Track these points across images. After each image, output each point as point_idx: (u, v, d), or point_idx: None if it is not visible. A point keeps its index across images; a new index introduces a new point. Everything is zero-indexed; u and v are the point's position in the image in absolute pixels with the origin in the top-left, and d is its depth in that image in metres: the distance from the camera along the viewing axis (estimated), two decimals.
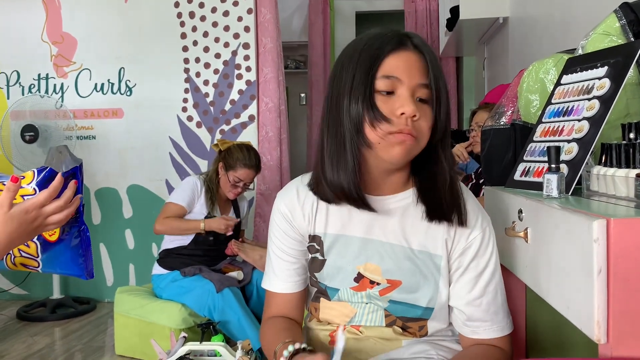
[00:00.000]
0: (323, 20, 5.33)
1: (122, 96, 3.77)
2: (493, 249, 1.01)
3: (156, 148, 3.74)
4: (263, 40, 3.63)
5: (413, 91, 0.91)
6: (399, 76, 0.91)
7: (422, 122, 0.91)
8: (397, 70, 0.91)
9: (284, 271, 1.08)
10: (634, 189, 0.83)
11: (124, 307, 2.74)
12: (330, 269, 1.04)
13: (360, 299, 1.04)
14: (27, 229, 1.01)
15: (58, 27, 3.80)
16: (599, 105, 0.98)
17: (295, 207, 1.05)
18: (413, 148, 0.93)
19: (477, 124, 2.49)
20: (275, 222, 1.09)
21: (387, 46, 0.92)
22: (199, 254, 2.70)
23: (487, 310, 1.00)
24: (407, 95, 0.90)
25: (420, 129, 0.91)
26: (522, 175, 1.14)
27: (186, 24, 3.68)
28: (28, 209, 1.00)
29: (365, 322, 1.05)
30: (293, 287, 1.09)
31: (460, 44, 4.50)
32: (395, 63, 0.91)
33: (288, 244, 1.07)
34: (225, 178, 2.73)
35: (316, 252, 1.06)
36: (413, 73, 0.91)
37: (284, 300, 1.10)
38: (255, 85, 3.63)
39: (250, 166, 2.72)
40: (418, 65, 0.92)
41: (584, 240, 0.68)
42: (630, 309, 0.66)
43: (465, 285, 1.00)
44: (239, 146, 2.78)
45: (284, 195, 1.08)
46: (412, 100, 0.90)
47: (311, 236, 1.06)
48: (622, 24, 1.13)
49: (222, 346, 2.30)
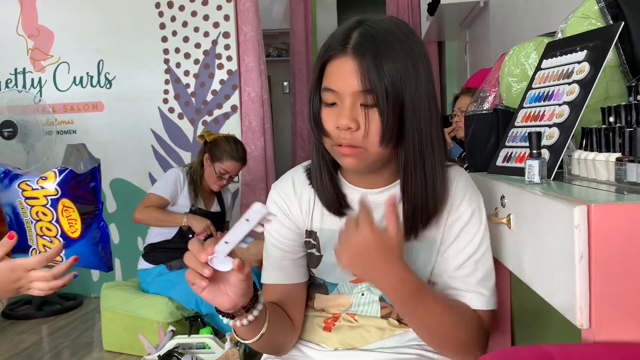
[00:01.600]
0: (304, 7, 5.28)
1: (101, 89, 3.72)
2: (481, 226, 0.98)
3: (138, 141, 3.69)
4: (243, 29, 3.59)
5: (354, 99, 0.86)
6: (336, 88, 0.87)
7: (371, 129, 0.87)
8: (335, 81, 0.87)
9: (280, 261, 1.05)
10: (614, 173, 0.83)
11: (111, 303, 2.72)
12: (327, 265, 1.03)
13: (360, 289, 1.03)
14: (8, 286, 1.04)
15: (33, 20, 3.73)
16: (578, 90, 0.98)
17: (292, 200, 1.04)
18: (363, 158, 0.90)
19: (459, 109, 2.50)
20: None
21: (328, 52, 0.88)
22: (184, 247, 2.65)
23: (467, 282, 0.98)
24: (345, 106, 0.87)
25: (367, 137, 0.87)
26: (504, 161, 1.15)
27: (165, 13, 3.62)
28: (15, 268, 1.03)
29: (361, 312, 1.05)
30: (290, 278, 1.04)
31: (442, 29, 4.50)
32: (333, 72, 0.88)
33: (285, 234, 1.04)
34: (210, 169, 2.70)
35: (312, 247, 1.04)
36: (349, 82, 0.85)
37: (279, 293, 1.04)
38: (236, 75, 3.60)
39: (237, 158, 2.70)
40: (355, 71, 0.85)
41: (566, 227, 0.68)
42: (612, 294, 0.66)
43: (450, 259, 0.99)
44: (225, 138, 2.75)
45: (280, 188, 1.06)
46: (349, 111, 0.86)
47: (308, 231, 1.04)
48: (601, 6, 1.13)
49: (210, 338, 2.30)
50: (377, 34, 0.86)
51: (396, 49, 0.86)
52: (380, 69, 0.84)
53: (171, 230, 2.67)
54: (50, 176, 1.19)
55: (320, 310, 1.09)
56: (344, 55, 0.86)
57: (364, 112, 0.87)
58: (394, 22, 0.90)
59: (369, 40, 0.86)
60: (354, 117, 0.87)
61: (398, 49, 0.86)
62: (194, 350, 2.28)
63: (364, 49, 0.85)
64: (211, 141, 2.74)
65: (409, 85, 0.86)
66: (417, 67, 0.87)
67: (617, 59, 1.10)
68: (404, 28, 0.90)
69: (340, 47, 0.87)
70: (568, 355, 0.63)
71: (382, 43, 0.85)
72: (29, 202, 1.18)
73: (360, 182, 0.99)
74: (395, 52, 0.85)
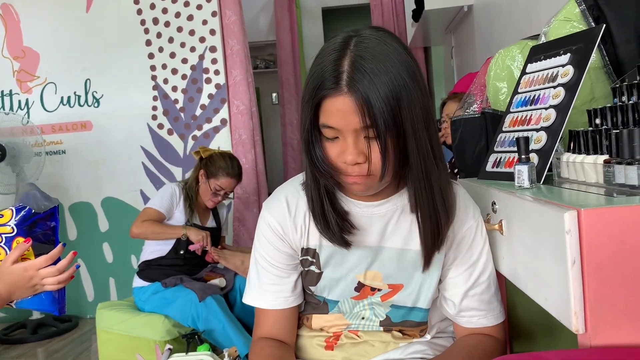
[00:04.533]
0: (289, 17, 5.30)
1: (89, 108, 3.70)
2: (485, 239, 1.00)
3: (128, 158, 3.68)
4: (230, 43, 3.59)
5: (356, 134, 0.84)
6: (336, 126, 0.84)
7: (375, 160, 0.85)
8: (334, 120, 0.84)
9: (274, 286, 1.02)
10: (602, 175, 0.83)
11: (107, 323, 2.69)
12: (328, 281, 1.01)
13: (362, 307, 1.02)
14: (25, 285, 1.18)
15: (19, 42, 3.71)
16: (564, 93, 0.99)
17: (287, 221, 1.00)
18: (371, 185, 0.89)
19: (447, 116, 2.50)
20: (263, 235, 1.02)
21: (322, 90, 0.84)
22: (179, 263, 2.66)
23: (482, 300, 1.00)
24: (349, 142, 0.84)
25: (373, 167, 0.85)
26: (493, 167, 1.15)
27: (150, 30, 3.62)
28: (27, 268, 1.17)
29: (364, 328, 1.03)
30: (284, 303, 1.03)
31: (427, 34, 4.52)
32: (331, 110, 0.84)
33: (279, 259, 1.02)
34: (205, 186, 2.69)
35: (311, 264, 1.01)
36: (349, 120, 0.82)
37: (275, 318, 1.03)
38: (225, 89, 3.60)
39: (233, 175, 2.69)
40: (354, 109, 0.81)
41: (557, 232, 0.68)
42: (606, 298, 0.66)
43: (460, 276, 0.99)
44: (221, 154, 2.74)
45: (273, 208, 1.02)
46: (354, 146, 0.84)
47: (304, 249, 1.01)
48: (582, 9, 1.14)
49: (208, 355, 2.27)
50: (367, 62, 0.82)
51: (390, 73, 0.82)
52: (378, 102, 0.81)
53: (165, 247, 2.65)
54: (7, 214, 1.21)
55: (319, 330, 1.07)
56: (340, 94, 0.82)
57: (367, 144, 0.84)
58: (378, 38, 0.85)
59: (362, 72, 0.81)
60: (360, 151, 0.85)
61: (392, 72, 0.82)
62: None
63: (359, 85, 0.81)
64: (207, 157, 2.73)
65: (405, 109, 0.83)
66: (410, 86, 0.83)
67: (600, 60, 1.11)
68: (390, 42, 0.85)
69: (333, 85, 0.82)
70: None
71: (374, 72, 0.81)
72: None
73: (361, 197, 0.97)
74: (389, 77, 0.81)
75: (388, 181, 0.90)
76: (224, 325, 2.40)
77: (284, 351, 1.02)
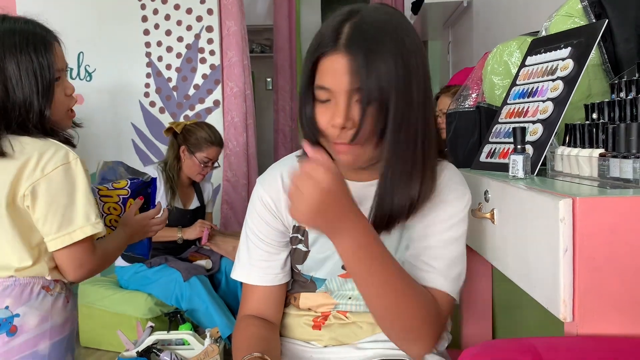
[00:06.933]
0: (288, 3, 5.25)
1: (81, 82, 3.65)
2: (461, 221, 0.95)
3: (118, 135, 3.64)
4: (227, 23, 3.55)
5: (348, 96, 0.84)
6: (329, 86, 0.84)
7: (365, 127, 0.84)
8: (328, 79, 0.84)
9: (264, 262, 1.02)
10: (597, 169, 0.84)
11: (89, 299, 2.68)
12: (315, 260, 1.01)
13: (350, 287, 1.01)
14: (141, 230, 1.49)
15: (12, 11, 3.64)
16: (562, 86, 0.99)
17: (281, 198, 1.00)
18: (359, 155, 0.88)
19: (441, 111, 2.50)
20: (256, 211, 1.02)
21: (320, 48, 0.85)
22: (164, 245, 2.63)
23: (435, 264, 0.94)
24: (339, 105, 0.84)
25: (362, 134, 0.84)
26: (487, 157, 1.15)
27: (147, 6, 3.57)
28: (144, 217, 1.50)
29: (352, 309, 1.03)
30: (273, 280, 1.02)
31: (425, 28, 4.51)
32: (326, 69, 0.85)
33: (270, 235, 1.01)
34: (191, 161, 2.61)
35: (299, 242, 1.02)
36: (342, 79, 0.83)
37: (262, 295, 1.03)
38: (219, 70, 3.56)
39: (217, 143, 2.64)
40: (347, 69, 0.82)
41: (550, 220, 0.69)
42: (595, 287, 0.66)
43: (425, 237, 0.95)
44: (197, 124, 2.66)
45: (267, 184, 1.02)
46: (344, 110, 0.83)
47: (295, 227, 1.01)
48: (584, 5, 1.14)
49: (190, 335, 2.27)
50: (369, 28, 0.83)
51: (388, 45, 0.82)
52: (371, 68, 0.81)
53: None
54: (123, 182, 1.56)
55: (307, 309, 1.06)
56: (336, 52, 0.83)
57: (358, 111, 0.84)
58: (386, 12, 0.87)
59: (360, 36, 0.82)
60: (349, 116, 0.84)
61: (390, 45, 0.82)
62: (173, 346, 2.25)
63: (355, 46, 0.82)
64: (182, 132, 2.63)
65: (399, 82, 0.82)
66: (409, 62, 0.83)
67: (599, 57, 1.12)
68: (397, 18, 0.86)
69: (331, 43, 0.83)
70: (552, 348, 0.64)
71: (373, 39, 0.82)
72: (103, 200, 1.54)
73: (351, 175, 0.96)
74: (387, 48, 0.82)
75: (375, 154, 0.88)
76: (208, 306, 2.40)
77: (268, 330, 1.02)
